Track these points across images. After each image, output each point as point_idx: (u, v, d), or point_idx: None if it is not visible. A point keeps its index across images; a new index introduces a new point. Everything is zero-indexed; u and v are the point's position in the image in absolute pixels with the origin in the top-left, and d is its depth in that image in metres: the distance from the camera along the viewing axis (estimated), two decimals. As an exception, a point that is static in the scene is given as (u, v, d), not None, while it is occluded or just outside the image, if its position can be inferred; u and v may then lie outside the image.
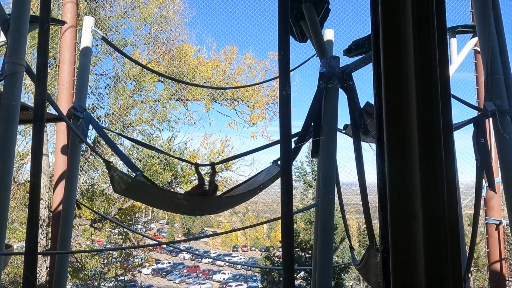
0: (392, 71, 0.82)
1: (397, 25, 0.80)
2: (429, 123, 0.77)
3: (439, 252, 0.71)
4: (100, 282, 12.11)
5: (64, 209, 4.15)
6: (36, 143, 1.86)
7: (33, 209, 1.86)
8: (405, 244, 0.75)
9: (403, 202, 0.76)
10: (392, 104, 0.81)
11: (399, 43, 0.80)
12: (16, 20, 2.86)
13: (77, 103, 4.22)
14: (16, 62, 2.84)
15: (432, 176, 0.74)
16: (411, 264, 0.73)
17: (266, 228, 38.69)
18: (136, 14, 11.95)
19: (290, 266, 1.49)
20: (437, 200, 0.73)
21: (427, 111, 0.80)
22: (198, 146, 13.54)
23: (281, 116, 1.53)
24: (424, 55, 0.78)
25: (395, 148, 0.79)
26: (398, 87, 0.81)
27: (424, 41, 0.78)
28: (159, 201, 4.28)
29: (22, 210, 11.19)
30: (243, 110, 13.39)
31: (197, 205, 4.22)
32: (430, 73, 0.79)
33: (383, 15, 0.81)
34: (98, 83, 11.90)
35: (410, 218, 0.74)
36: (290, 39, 1.71)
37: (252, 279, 23.79)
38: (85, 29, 4.35)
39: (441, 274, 0.69)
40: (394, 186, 0.77)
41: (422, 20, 0.78)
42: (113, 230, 14.13)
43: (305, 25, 3.37)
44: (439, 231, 0.71)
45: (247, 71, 13.38)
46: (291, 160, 1.61)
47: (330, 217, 3.39)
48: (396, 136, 0.79)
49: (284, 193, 1.49)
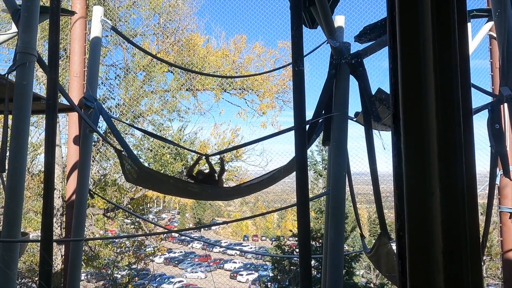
0: (410, 57, 0.79)
1: (415, 10, 0.77)
2: (448, 105, 0.75)
3: (457, 228, 0.69)
4: (113, 271, 12.34)
5: (78, 198, 4.21)
6: (49, 132, 1.88)
7: (47, 199, 1.89)
8: (421, 221, 0.73)
9: (420, 178, 0.75)
10: (410, 91, 0.79)
11: (416, 30, 0.78)
12: (26, 10, 2.87)
13: (88, 93, 4.25)
14: (28, 52, 2.86)
15: (450, 153, 0.72)
16: (428, 241, 0.71)
17: (276, 218, 38.82)
18: (145, 4, 11.91)
19: (307, 254, 1.50)
20: (456, 177, 0.71)
21: (446, 97, 0.77)
22: (208, 136, 13.59)
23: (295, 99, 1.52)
24: (443, 50, 0.76)
25: (412, 129, 0.77)
26: (416, 74, 0.79)
27: (444, 26, 0.76)
28: (172, 188, 4.32)
29: (36, 200, 11.40)
30: (252, 100, 13.36)
31: (210, 192, 4.24)
32: (450, 60, 0.76)
33: (400, 11, 0.79)
34: (108, 74, 11.97)
35: (427, 195, 0.72)
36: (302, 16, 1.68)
37: (263, 268, 23.99)
38: (94, 19, 4.35)
39: (459, 251, 0.68)
40: (410, 162, 0.76)
41: (442, 4, 0.75)
42: (125, 220, 14.33)
43: (315, 11, 3.32)
44: (457, 207, 0.70)
45: (256, 60, 13.30)
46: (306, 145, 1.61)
47: (341, 205, 3.39)
48: (413, 123, 0.77)
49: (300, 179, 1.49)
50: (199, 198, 5.71)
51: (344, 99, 3.39)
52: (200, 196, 4.76)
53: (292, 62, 1.49)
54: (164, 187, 4.33)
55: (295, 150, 1.65)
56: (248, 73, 12.83)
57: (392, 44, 0.83)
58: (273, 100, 13.08)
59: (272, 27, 16.33)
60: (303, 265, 1.60)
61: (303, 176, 1.63)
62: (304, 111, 1.62)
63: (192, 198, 5.76)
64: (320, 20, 3.32)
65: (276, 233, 35.81)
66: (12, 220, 2.76)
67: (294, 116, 1.58)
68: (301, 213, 1.63)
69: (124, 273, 13.05)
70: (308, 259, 1.66)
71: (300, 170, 1.63)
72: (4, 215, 2.79)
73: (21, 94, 2.84)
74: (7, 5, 3.22)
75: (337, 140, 3.36)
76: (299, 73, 1.42)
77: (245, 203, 34.16)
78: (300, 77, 1.44)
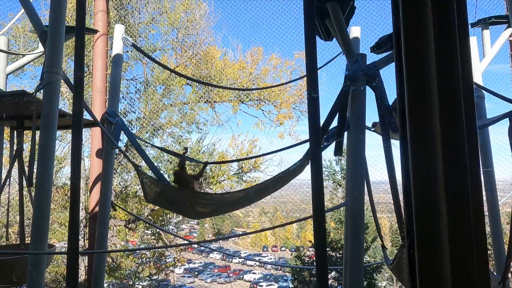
0: (414, 70, 0.82)
1: (418, 25, 0.80)
2: (452, 121, 0.78)
3: (464, 247, 0.71)
4: (134, 281, 12.46)
5: (101, 210, 4.31)
6: (75, 148, 1.96)
7: (73, 212, 1.96)
8: (429, 239, 0.75)
9: (427, 198, 0.77)
10: (415, 103, 0.81)
11: (420, 43, 0.81)
12: (53, 31, 3.01)
13: (110, 109, 4.37)
14: (54, 71, 2.99)
15: (455, 172, 0.74)
16: (436, 259, 0.73)
17: (296, 228, 38.50)
18: (163, 20, 12.23)
19: (324, 265, 1.51)
20: (461, 196, 0.73)
21: (450, 108, 0.80)
22: (226, 147, 13.69)
23: (310, 118, 1.55)
24: (445, 54, 0.78)
25: (419, 145, 0.80)
26: (420, 86, 0.81)
27: (445, 40, 0.78)
28: (189, 209, 4.30)
29: (61, 211, 11.69)
30: (270, 111, 13.43)
31: (226, 202, 4.23)
32: (452, 71, 0.79)
33: (404, 16, 0.82)
34: (129, 88, 12.28)
35: (434, 214, 0.75)
36: (316, 40, 1.72)
37: (283, 279, 23.75)
38: (116, 37, 4.50)
39: (467, 270, 0.70)
40: (417, 182, 0.78)
41: (443, 18, 0.78)
42: (146, 231, 14.51)
43: (330, 23, 3.35)
44: (464, 226, 0.72)
45: (273, 71, 13.41)
46: (321, 161, 1.63)
47: (360, 216, 3.36)
48: (419, 134, 0.80)
49: (316, 193, 1.51)
50: (217, 213, 5.70)
51: (360, 109, 3.39)
52: (217, 211, 4.75)
53: (307, 89, 1.53)
54: (183, 206, 4.31)
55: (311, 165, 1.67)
56: (265, 84, 12.93)
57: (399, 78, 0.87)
58: (290, 111, 13.12)
59: (288, 38, 16.45)
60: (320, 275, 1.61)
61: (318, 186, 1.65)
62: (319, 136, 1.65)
63: (209, 216, 5.75)
64: (335, 32, 3.35)
65: (296, 243, 35.48)
66: (40, 233, 2.86)
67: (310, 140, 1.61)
68: (317, 224, 1.65)
69: (145, 284, 13.17)
70: (325, 269, 1.67)
71: (315, 180, 1.66)
72: (32, 228, 2.89)
73: (48, 111, 2.97)
74: (35, 26, 3.37)
75: (355, 150, 3.36)
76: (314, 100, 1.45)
77: (264, 213, 34.04)
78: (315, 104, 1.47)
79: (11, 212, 9.27)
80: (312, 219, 4.39)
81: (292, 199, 17.97)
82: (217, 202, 4.29)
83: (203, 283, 29.89)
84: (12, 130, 4.14)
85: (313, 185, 1.61)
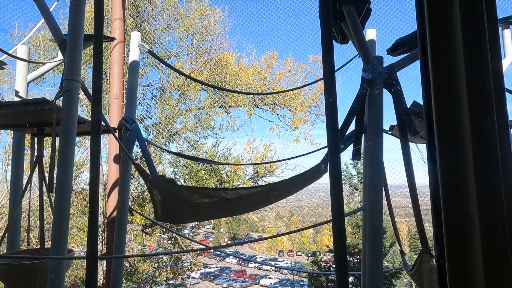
0: (441, 73, 0.79)
1: (444, 26, 0.78)
2: (482, 124, 0.75)
3: (498, 258, 0.68)
4: (152, 286, 12.54)
5: (118, 216, 4.36)
6: (94, 156, 1.98)
7: (92, 219, 1.98)
8: (461, 250, 0.72)
9: (457, 206, 0.74)
10: (443, 107, 0.79)
11: (447, 45, 0.78)
12: (72, 40, 3.07)
13: (127, 115, 4.42)
14: (73, 79, 3.05)
15: (488, 179, 0.71)
16: (469, 272, 0.70)
17: (312, 233, 38.23)
18: (178, 26, 12.38)
19: (344, 271, 1.48)
20: (495, 204, 0.70)
21: (480, 111, 0.77)
22: (242, 151, 13.72)
23: (328, 123, 1.53)
24: (474, 55, 0.75)
25: (448, 151, 0.77)
26: (448, 89, 0.79)
27: (474, 40, 0.76)
28: (206, 209, 4.25)
29: (80, 216, 11.89)
30: (285, 115, 13.41)
31: (243, 201, 4.13)
32: (482, 73, 0.76)
33: (429, 17, 0.80)
34: (145, 94, 12.46)
35: (466, 223, 0.71)
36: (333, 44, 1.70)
37: (300, 284, 23.57)
38: (132, 44, 4.56)
39: (502, 281, 0.66)
40: (447, 190, 0.75)
41: (471, 19, 0.76)
42: (162, 235, 14.61)
43: (346, 26, 3.32)
44: (498, 236, 0.68)
45: (287, 75, 13.40)
46: (340, 168, 1.60)
47: (378, 220, 3.31)
48: (448, 138, 0.77)
49: (334, 198, 1.49)
50: (237, 212, 5.61)
51: (378, 113, 3.35)
52: (237, 210, 4.66)
53: (324, 94, 1.51)
54: (198, 210, 4.23)
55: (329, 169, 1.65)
56: (279, 88, 12.93)
57: (425, 81, 0.84)
58: (305, 114, 13.07)
59: (302, 42, 16.41)
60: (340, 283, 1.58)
61: (337, 191, 1.62)
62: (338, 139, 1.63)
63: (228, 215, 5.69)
64: (351, 35, 3.32)
65: (312, 248, 35.21)
66: (60, 238, 2.90)
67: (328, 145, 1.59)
68: (336, 229, 1.62)
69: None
70: (346, 276, 1.64)
71: (334, 185, 1.63)
72: (52, 234, 2.94)
73: (67, 118, 3.02)
74: (54, 35, 3.45)
75: (373, 154, 3.31)
76: (332, 104, 1.43)
77: (279, 218, 33.93)
78: (333, 108, 1.45)
79: (31, 217, 9.47)
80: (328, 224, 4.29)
81: (308, 204, 17.86)
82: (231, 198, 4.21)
83: (219, 288, 29.92)
84: (32, 137, 4.23)
85: (332, 191, 1.59)
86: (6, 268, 3.52)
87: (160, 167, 11.93)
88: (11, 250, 4.11)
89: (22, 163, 4.43)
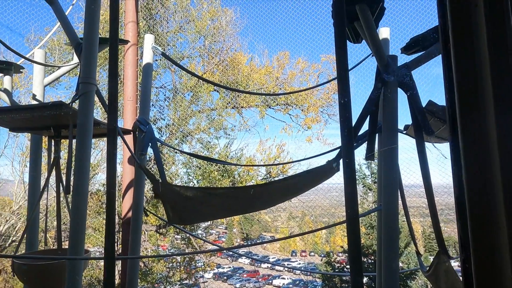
0: (465, 74, 0.78)
1: (468, 26, 0.76)
2: (509, 126, 0.73)
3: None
4: (166, 286, 12.65)
5: (134, 217, 4.40)
6: (111, 157, 2.01)
7: (109, 219, 2.01)
8: (488, 255, 0.70)
9: (484, 210, 0.72)
10: (467, 107, 0.77)
11: (471, 45, 0.77)
12: (87, 43, 3.11)
13: (141, 117, 4.47)
14: (89, 82, 3.09)
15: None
16: (497, 276, 0.68)
17: (325, 233, 38.03)
18: (191, 28, 12.46)
19: (359, 272, 1.47)
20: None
21: (506, 112, 0.75)
22: (254, 152, 13.73)
23: (342, 124, 1.52)
24: (499, 55, 0.74)
25: (473, 153, 0.75)
26: (473, 90, 0.77)
27: (499, 40, 0.74)
28: (219, 208, 4.24)
29: (95, 217, 12.06)
30: (297, 115, 13.38)
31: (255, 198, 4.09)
32: (508, 73, 0.74)
33: (452, 18, 0.78)
34: (158, 96, 12.57)
35: (493, 228, 0.70)
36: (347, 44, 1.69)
37: (313, 284, 23.46)
38: (146, 46, 4.60)
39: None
40: (473, 193, 0.73)
41: (496, 18, 0.74)
42: (176, 236, 14.72)
43: (360, 26, 3.29)
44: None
45: (299, 75, 13.37)
46: (354, 169, 1.59)
47: (394, 221, 3.27)
48: (473, 140, 0.75)
49: (349, 200, 1.48)
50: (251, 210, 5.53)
51: (392, 113, 3.31)
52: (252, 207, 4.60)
53: (338, 94, 1.50)
54: (210, 209, 4.22)
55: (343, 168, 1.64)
56: (291, 88, 12.90)
57: (448, 82, 0.83)
58: (318, 114, 13.02)
59: (314, 42, 16.35)
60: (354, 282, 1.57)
61: (352, 191, 1.61)
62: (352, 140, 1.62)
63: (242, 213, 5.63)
64: (364, 34, 3.29)
65: (325, 248, 35.03)
66: (77, 239, 2.95)
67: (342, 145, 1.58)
68: (351, 230, 1.61)
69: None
70: (360, 277, 1.63)
71: (348, 185, 1.62)
72: (70, 234, 2.98)
73: (83, 120, 3.07)
74: (70, 39, 3.50)
75: (388, 154, 3.28)
76: (346, 105, 1.42)
77: (292, 218, 33.85)
78: (347, 110, 1.44)
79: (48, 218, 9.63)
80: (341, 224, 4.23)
81: (321, 204, 17.78)
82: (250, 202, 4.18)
83: (232, 288, 29.99)
84: (49, 139, 4.31)
85: (346, 192, 1.58)
86: (25, 268, 3.59)
87: (173, 168, 12.04)
88: (30, 250, 4.19)
89: (39, 165, 4.51)
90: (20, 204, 14.81)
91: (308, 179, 4.07)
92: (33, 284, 3.74)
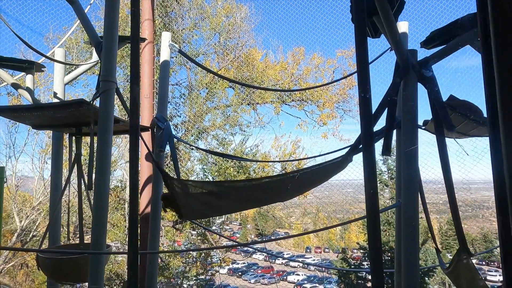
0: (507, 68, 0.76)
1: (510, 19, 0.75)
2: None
3: None
4: (182, 281, 12.80)
5: (152, 212, 4.46)
6: (133, 155, 2.04)
7: (133, 215, 2.05)
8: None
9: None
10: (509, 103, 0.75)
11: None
12: (107, 42, 3.16)
13: (159, 114, 4.51)
14: (109, 80, 3.14)
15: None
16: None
17: (339, 229, 37.82)
18: (206, 25, 12.50)
19: (379, 269, 1.46)
20: None
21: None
22: (269, 148, 13.73)
23: (362, 120, 1.51)
24: None
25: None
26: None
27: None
28: (236, 200, 4.15)
29: (112, 212, 12.26)
30: (312, 111, 13.31)
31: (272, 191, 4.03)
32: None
33: (493, 11, 0.76)
34: (174, 93, 12.68)
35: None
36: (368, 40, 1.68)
37: (328, 280, 23.40)
38: (163, 43, 4.64)
39: None
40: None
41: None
42: (192, 231, 14.87)
43: (379, 20, 3.25)
44: None
45: (315, 71, 13.28)
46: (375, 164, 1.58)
47: (414, 217, 3.23)
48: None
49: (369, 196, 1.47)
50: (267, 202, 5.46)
51: (412, 107, 3.27)
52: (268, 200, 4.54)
53: (358, 89, 1.49)
54: (226, 203, 4.14)
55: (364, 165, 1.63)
56: (307, 84, 12.84)
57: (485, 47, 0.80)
58: (334, 110, 12.93)
59: (329, 37, 16.17)
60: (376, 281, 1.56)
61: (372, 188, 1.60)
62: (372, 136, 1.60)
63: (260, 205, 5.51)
64: (384, 29, 3.25)
65: (340, 244, 34.85)
66: (99, 234, 3.01)
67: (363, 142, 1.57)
68: (371, 227, 1.60)
69: (192, 283, 13.49)
70: (381, 274, 1.62)
71: (368, 182, 1.61)
72: (92, 230, 3.05)
73: (104, 117, 3.12)
74: (90, 38, 3.56)
75: (408, 151, 3.24)
76: (366, 101, 1.41)
77: (306, 214, 33.78)
78: (367, 105, 1.43)
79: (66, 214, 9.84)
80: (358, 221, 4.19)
81: (335, 200, 17.69)
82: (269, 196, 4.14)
83: (246, 284, 30.16)
84: (70, 136, 4.39)
85: (366, 188, 1.57)
86: (49, 262, 3.69)
87: (189, 164, 12.14)
88: (53, 244, 4.30)
89: (61, 162, 4.61)
90: (40, 200, 15.16)
91: (322, 172, 4.02)
92: (57, 277, 3.85)
